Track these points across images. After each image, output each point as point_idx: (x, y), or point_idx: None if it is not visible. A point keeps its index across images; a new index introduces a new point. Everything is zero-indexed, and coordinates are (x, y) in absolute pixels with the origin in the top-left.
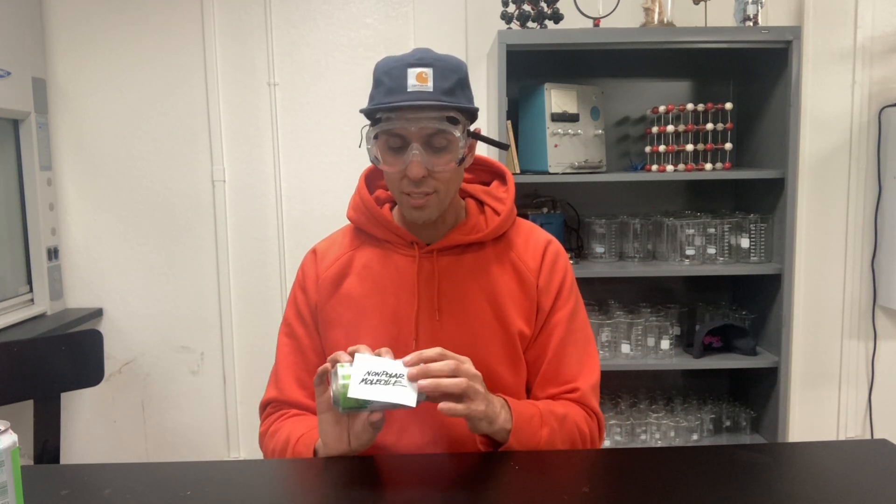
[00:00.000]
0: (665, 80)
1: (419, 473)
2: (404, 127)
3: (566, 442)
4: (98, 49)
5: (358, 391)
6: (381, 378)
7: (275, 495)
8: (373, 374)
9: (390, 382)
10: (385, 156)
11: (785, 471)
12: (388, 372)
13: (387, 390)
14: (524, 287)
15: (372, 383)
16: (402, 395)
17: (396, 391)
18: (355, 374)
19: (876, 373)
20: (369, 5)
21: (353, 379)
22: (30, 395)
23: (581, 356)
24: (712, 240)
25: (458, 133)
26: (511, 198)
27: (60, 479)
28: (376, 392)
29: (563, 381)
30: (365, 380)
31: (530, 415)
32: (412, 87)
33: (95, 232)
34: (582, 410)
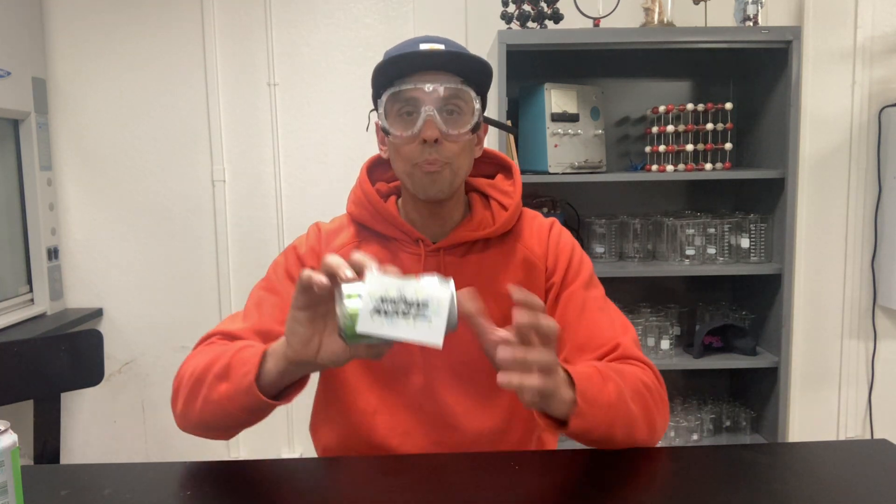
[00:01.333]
0: (665, 80)
1: (420, 474)
2: (417, 89)
3: (635, 397)
4: (98, 49)
5: (371, 325)
6: (400, 308)
7: (275, 495)
8: (388, 301)
9: (410, 314)
10: (395, 124)
11: (785, 471)
12: (406, 299)
13: (407, 325)
14: (534, 277)
15: (388, 314)
16: (426, 331)
17: (419, 326)
18: (366, 300)
19: (876, 373)
20: (369, 5)
21: (364, 308)
22: (30, 395)
23: (612, 317)
24: (712, 240)
25: (472, 93)
26: (518, 192)
27: (60, 479)
28: (394, 327)
29: (599, 344)
30: (379, 309)
31: (588, 374)
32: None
33: (95, 232)
34: (633, 366)
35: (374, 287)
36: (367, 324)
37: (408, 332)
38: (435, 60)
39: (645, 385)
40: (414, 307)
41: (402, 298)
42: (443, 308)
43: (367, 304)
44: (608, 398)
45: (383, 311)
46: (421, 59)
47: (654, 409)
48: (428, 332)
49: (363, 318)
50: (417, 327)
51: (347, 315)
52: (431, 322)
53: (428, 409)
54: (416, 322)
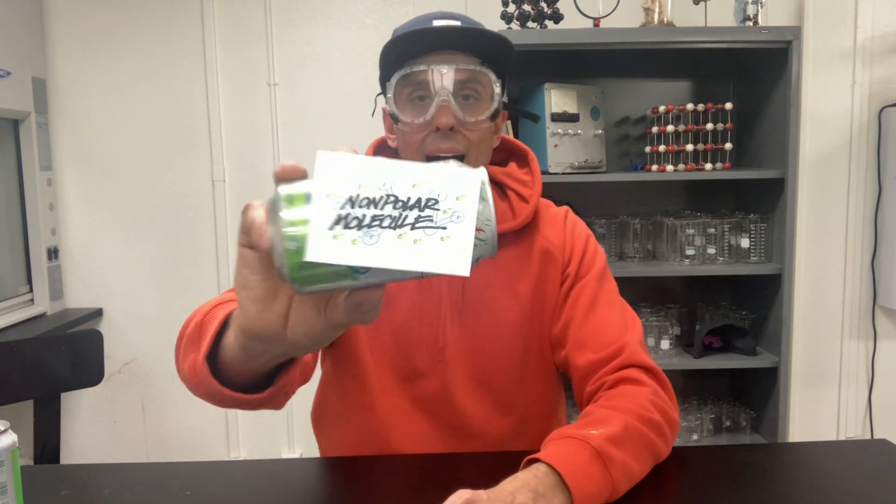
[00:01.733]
0: (665, 80)
1: (422, 474)
2: (430, 70)
3: (639, 455)
4: (98, 49)
5: (332, 250)
6: (387, 213)
7: (275, 495)
8: (363, 203)
9: (405, 223)
10: (406, 110)
11: (785, 471)
12: (398, 198)
13: (402, 245)
14: (551, 269)
15: (364, 227)
16: (438, 251)
17: (426, 245)
18: (322, 203)
19: (876, 373)
20: (369, 5)
21: (318, 218)
22: (30, 395)
23: (621, 313)
24: (712, 240)
25: (492, 76)
26: (538, 182)
27: (60, 479)
28: (378, 250)
29: (604, 343)
30: (347, 218)
31: (582, 468)
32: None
33: (95, 232)
34: (637, 388)
35: (337, 181)
36: (325, 248)
37: (404, 257)
38: (450, 38)
39: (652, 425)
40: (413, 210)
41: (389, 197)
42: (469, 208)
43: (324, 212)
44: (611, 490)
45: (354, 221)
46: (434, 38)
47: (659, 444)
48: (442, 251)
49: (316, 236)
50: (422, 247)
51: (288, 236)
52: (449, 234)
53: (445, 416)
54: (419, 238)
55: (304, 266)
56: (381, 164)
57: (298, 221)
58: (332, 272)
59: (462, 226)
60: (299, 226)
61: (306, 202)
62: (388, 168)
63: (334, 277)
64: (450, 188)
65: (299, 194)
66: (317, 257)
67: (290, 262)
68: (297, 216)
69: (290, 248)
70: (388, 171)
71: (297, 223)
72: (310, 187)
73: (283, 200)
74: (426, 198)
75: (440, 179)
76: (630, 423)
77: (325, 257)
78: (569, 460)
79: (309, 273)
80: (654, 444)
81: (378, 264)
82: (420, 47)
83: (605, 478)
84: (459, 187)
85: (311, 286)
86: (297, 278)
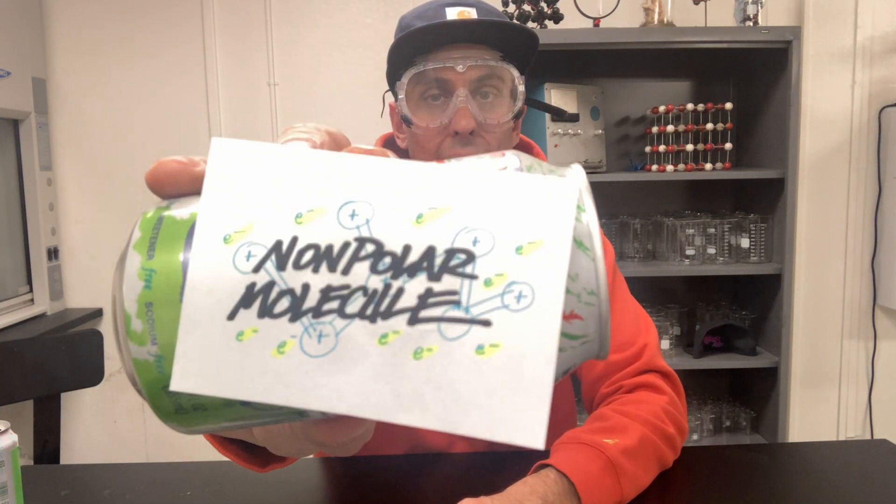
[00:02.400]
0: (665, 80)
1: (424, 474)
2: (447, 68)
3: (649, 466)
4: (98, 49)
5: (220, 374)
6: (348, 284)
7: (275, 495)
8: (302, 255)
9: (396, 306)
10: (419, 111)
11: (785, 471)
12: (377, 243)
13: (385, 369)
14: None
15: (298, 314)
16: (467, 394)
17: (443, 370)
18: (209, 260)
19: (876, 373)
20: (369, 5)
21: (200, 297)
22: (30, 395)
23: (636, 313)
24: (712, 240)
25: (515, 72)
26: None
27: (60, 479)
28: (331, 380)
29: (622, 345)
30: (260, 296)
31: (596, 479)
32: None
33: (95, 232)
34: (655, 395)
35: (249, 205)
36: (211, 367)
37: (388, 394)
38: (468, 31)
39: (661, 435)
40: (414, 276)
41: (363, 243)
42: (550, 271)
43: (217, 275)
44: (616, 494)
45: (284, 299)
46: (451, 31)
47: (669, 456)
48: (480, 387)
49: (193, 338)
50: (433, 372)
51: (138, 334)
52: (499, 340)
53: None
54: (427, 345)
55: (175, 395)
56: (353, 167)
57: (163, 296)
58: (241, 407)
59: (532, 318)
60: (164, 307)
61: (184, 247)
62: (368, 174)
63: (249, 414)
64: (503, 222)
65: (171, 228)
66: (193, 387)
67: (143, 380)
68: (163, 284)
69: (143, 359)
70: (366, 184)
71: (162, 300)
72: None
73: (138, 245)
74: (446, 246)
75: (480, 201)
76: (646, 435)
77: (213, 387)
78: (581, 468)
79: (190, 405)
80: (664, 456)
81: (332, 408)
82: (434, 41)
83: (616, 490)
84: (526, 219)
85: (200, 426)
86: (166, 412)
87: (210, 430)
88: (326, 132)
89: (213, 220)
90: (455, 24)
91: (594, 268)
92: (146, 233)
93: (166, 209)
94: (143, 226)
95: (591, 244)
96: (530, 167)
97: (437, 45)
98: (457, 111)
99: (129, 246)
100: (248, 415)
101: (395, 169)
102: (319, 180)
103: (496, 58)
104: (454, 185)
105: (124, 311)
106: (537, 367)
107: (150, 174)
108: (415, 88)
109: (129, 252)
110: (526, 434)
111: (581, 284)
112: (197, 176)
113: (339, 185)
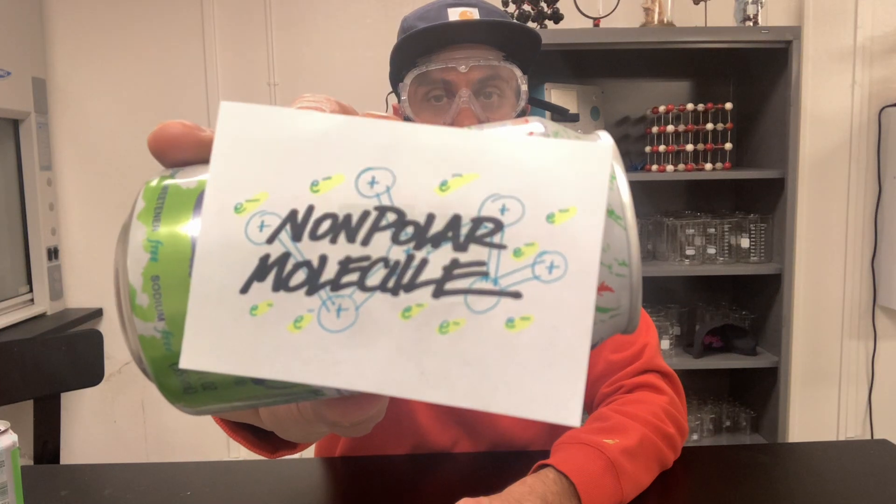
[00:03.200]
0: (665, 80)
1: (425, 473)
2: (449, 69)
3: (650, 466)
4: (98, 49)
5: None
6: (368, 255)
7: (275, 495)
8: (319, 223)
9: (420, 277)
10: (422, 111)
11: (785, 471)
12: (398, 211)
13: (409, 343)
14: None
15: (315, 286)
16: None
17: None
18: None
19: (876, 373)
20: (369, 5)
21: (210, 269)
22: (30, 395)
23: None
24: (712, 240)
25: (517, 72)
26: None
27: (60, 479)
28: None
29: (623, 344)
30: (274, 268)
31: (595, 479)
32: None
33: (95, 232)
34: (655, 395)
35: (261, 170)
36: (225, 341)
37: (414, 371)
38: (471, 31)
39: (661, 436)
40: (438, 246)
41: (383, 211)
42: (584, 240)
43: (228, 246)
44: (616, 495)
45: (300, 272)
46: (453, 32)
47: (669, 456)
48: (511, 362)
49: (203, 311)
50: (460, 346)
51: (144, 309)
52: (529, 312)
53: (480, 427)
54: (453, 318)
55: (183, 373)
56: (371, 132)
57: (171, 269)
58: (253, 385)
59: (565, 290)
60: (171, 280)
61: (191, 217)
62: (387, 140)
63: (262, 392)
64: (533, 189)
65: (178, 198)
66: (204, 365)
67: (150, 358)
68: (170, 256)
69: (150, 336)
70: (386, 150)
71: (169, 273)
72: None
73: (143, 215)
74: (473, 215)
75: (508, 168)
76: (646, 436)
77: (226, 365)
78: (582, 469)
79: (199, 384)
80: (665, 456)
81: (353, 385)
82: (436, 42)
83: (616, 490)
84: (558, 186)
85: (208, 406)
86: (173, 392)
87: (218, 410)
88: (337, 102)
89: (224, 189)
90: (457, 25)
91: (626, 237)
92: (150, 202)
93: (170, 178)
94: (147, 195)
95: (623, 213)
96: (556, 133)
97: (440, 46)
98: (460, 112)
99: (132, 216)
100: (260, 393)
101: (417, 134)
102: (336, 146)
103: (499, 58)
104: (480, 150)
105: (129, 284)
106: (571, 341)
107: (153, 137)
108: (417, 89)
109: (132, 222)
110: (560, 411)
111: (612, 255)
112: (202, 141)
113: (357, 151)
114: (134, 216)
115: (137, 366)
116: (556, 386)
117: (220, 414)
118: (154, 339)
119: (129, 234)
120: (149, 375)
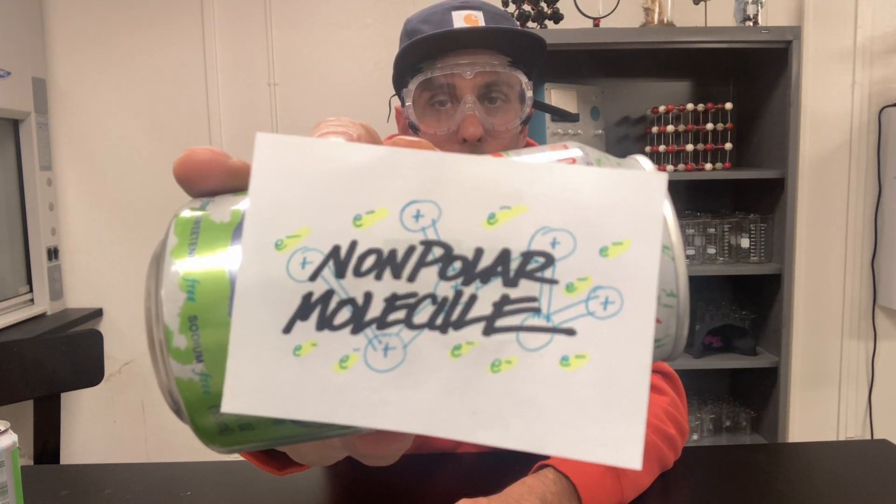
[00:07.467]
0: (665, 80)
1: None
2: (454, 75)
3: (653, 471)
4: (98, 49)
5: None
6: (415, 292)
7: (275, 495)
8: (362, 260)
9: (469, 315)
10: (426, 117)
11: (785, 471)
12: (445, 246)
13: (459, 384)
14: None
15: (361, 325)
16: (554, 409)
17: (526, 384)
18: (259, 268)
19: (876, 373)
20: (369, 5)
21: (252, 309)
22: (30, 395)
23: None
24: (712, 240)
25: (523, 77)
26: None
27: (60, 479)
28: (397, 397)
29: None
30: (318, 306)
31: (599, 476)
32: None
33: (95, 232)
34: (657, 396)
35: (302, 206)
36: (267, 384)
37: (464, 413)
38: (476, 38)
39: (662, 437)
40: (487, 282)
41: (429, 247)
42: (641, 275)
43: (269, 286)
44: (616, 496)
45: (345, 309)
46: (458, 38)
47: (670, 457)
48: (568, 401)
49: (245, 353)
50: (513, 387)
51: (181, 350)
52: (584, 350)
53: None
54: (505, 357)
55: (221, 414)
56: (414, 163)
57: (210, 309)
58: (292, 425)
59: (621, 327)
60: (210, 320)
61: (228, 253)
62: (431, 171)
63: (300, 432)
64: (585, 222)
65: (212, 232)
66: (247, 408)
67: (187, 401)
68: (208, 295)
69: (188, 378)
70: (431, 182)
71: (208, 312)
72: (242, 218)
73: (176, 251)
74: (522, 249)
75: (557, 199)
76: (647, 437)
77: (269, 408)
78: (583, 469)
79: (237, 424)
80: (665, 457)
81: (402, 427)
82: (441, 48)
83: (616, 491)
84: (610, 218)
85: (243, 445)
86: (209, 433)
87: (252, 448)
88: (362, 126)
89: (263, 225)
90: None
91: (674, 268)
92: (183, 237)
93: (201, 209)
94: (179, 230)
95: (671, 242)
96: (599, 160)
97: (445, 52)
98: (465, 118)
99: (164, 252)
100: (298, 433)
101: (462, 165)
102: (378, 178)
103: (504, 63)
104: (528, 181)
105: (164, 326)
106: (630, 380)
107: (180, 163)
108: (422, 94)
109: (165, 258)
110: (620, 454)
111: (661, 286)
112: (231, 169)
113: (400, 183)
114: (167, 252)
115: (169, 405)
116: (616, 427)
117: (253, 451)
118: (192, 381)
119: (163, 270)
120: (182, 416)
